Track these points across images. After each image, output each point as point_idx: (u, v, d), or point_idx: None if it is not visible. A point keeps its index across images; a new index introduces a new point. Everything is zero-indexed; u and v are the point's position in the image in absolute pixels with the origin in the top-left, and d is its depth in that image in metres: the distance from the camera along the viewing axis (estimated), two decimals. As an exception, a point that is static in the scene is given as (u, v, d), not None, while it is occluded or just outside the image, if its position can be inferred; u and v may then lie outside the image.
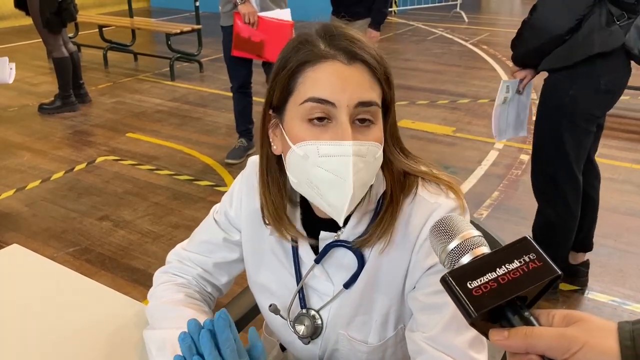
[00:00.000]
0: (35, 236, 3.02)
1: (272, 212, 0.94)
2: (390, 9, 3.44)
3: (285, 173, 0.91)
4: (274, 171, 0.93)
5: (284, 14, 3.60)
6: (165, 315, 1.01)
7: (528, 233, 2.59)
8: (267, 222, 0.98)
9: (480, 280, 0.56)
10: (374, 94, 0.83)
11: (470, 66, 6.50)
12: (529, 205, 2.59)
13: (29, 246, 1.49)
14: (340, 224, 0.84)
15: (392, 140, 0.91)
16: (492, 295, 0.55)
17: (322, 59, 0.82)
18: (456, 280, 0.57)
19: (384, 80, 0.85)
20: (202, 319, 0.98)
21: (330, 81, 0.81)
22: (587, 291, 2.51)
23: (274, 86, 0.87)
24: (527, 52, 2.23)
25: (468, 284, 0.56)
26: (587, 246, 2.56)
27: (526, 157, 3.91)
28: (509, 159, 3.93)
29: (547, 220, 2.44)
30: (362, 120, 0.83)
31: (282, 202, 0.94)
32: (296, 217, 0.97)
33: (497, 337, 0.57)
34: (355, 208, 0.91)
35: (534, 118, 2.40)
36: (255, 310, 1.20)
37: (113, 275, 2.68)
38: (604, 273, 2.65)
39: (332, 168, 0.81)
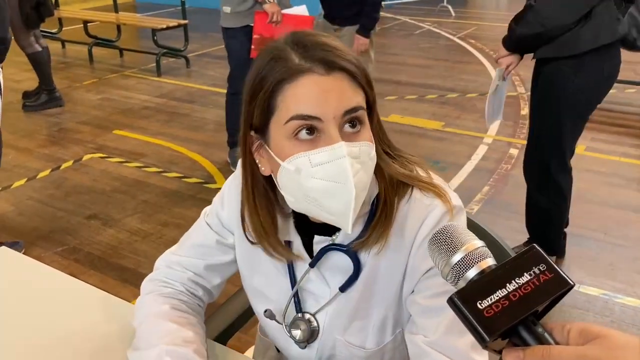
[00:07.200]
0: (21, 236, 2.97)
1: (262, 234, 0.92)
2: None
3: (274, 190, 0.89)
4: (262, 192, 0.90)
5: (301, 10, 3.56)
6: (148, 331, 0.97)
7: (520, 227, 2.61)
8: (252, 241, 0.95)
9: (491, 299, 0.53)
10: (358, 98, 0.80)
11: (458, 60, 6.50)
12: (520, 199, 2.60)
13: (16, 247, 1.46)
14: (349, 231, 0.81)
15: (380, 141, 0.88)
16: (505, 315, 0.52)
17: (299, 74, 0.78)
18: (465, 302, 0.53)
19: (365, 83, 0.82)
20: (186, 332, 0.95)
21: (312, 95, 0.78)
22: (578, 285, 2.52)
23: (253, 107, 0.83)
24: (527, 36, 2.17)
25: (478, 304, 0.53)
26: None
27: (515, 151, 3.92)
28: (499, 153, 3.94)
29: (539, 207, 2.48)
30: (352, 124, 0.80)
31: (272, 224, 0.92)
32: (289, 226, 0.95)
33: (512, 358, 0.54)
34: None
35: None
36: (250, 311, 1.18)
37: (102, 275, 2.65)
38: (595, 266, 2.66)
39: (328, 175, 0.78)
